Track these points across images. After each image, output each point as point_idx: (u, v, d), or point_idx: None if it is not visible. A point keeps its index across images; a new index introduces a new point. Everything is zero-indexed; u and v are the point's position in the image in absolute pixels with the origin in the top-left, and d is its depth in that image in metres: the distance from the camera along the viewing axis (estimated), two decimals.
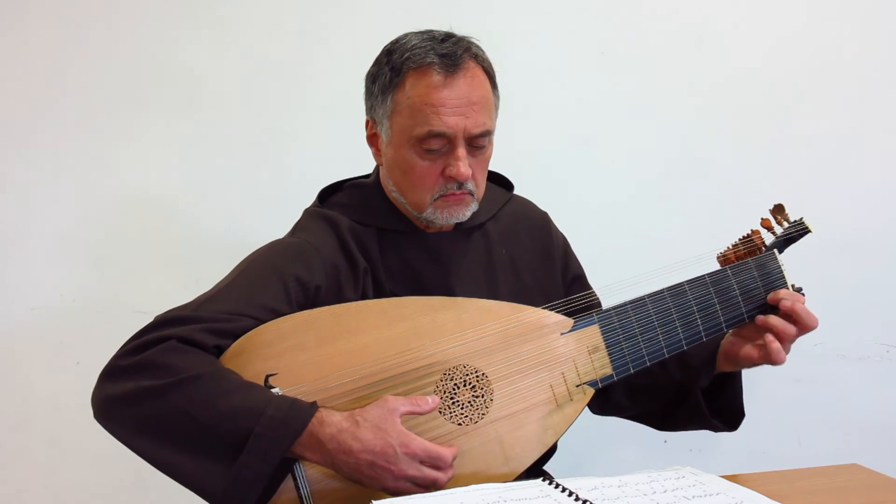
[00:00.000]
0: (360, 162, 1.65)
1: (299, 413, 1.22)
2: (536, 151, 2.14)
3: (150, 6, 2.08)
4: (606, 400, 1.61)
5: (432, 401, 1.28)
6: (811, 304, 1.49)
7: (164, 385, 1.23)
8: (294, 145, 2.13)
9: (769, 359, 1.42)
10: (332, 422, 1.22)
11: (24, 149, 2.06)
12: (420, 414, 1.27)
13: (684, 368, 1.53)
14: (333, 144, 2.12)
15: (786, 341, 1.42)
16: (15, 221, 2.06)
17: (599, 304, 1.58)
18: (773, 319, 1.42)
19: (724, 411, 1.54)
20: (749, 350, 1.45)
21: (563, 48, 2.19)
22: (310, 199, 1.59)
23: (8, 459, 2.07)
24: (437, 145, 1.41)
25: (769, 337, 1.41)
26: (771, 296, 1.44)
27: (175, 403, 1.23)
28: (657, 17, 2.21)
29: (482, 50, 1.47)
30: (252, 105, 2.12)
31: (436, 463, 1.24)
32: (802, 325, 1.41)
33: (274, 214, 2.03)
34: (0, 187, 2.05)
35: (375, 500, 1.15)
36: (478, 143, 1.43)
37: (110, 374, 1.29)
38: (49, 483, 2.08)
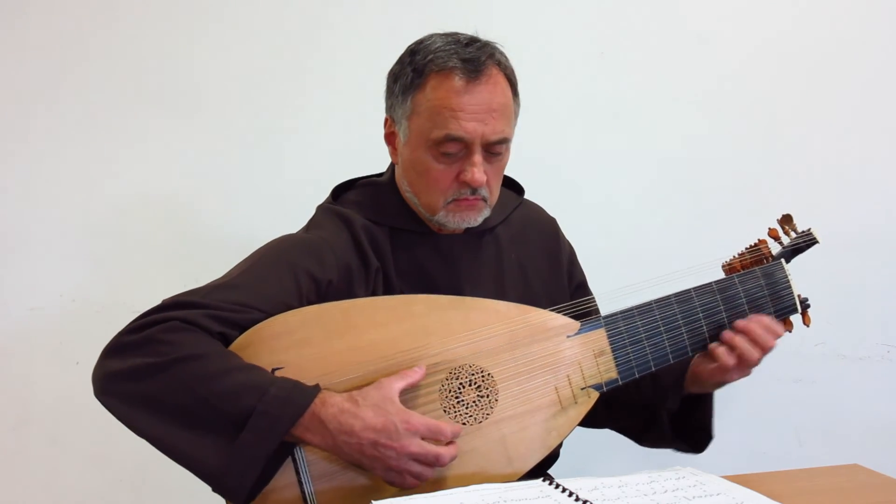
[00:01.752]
0: (361, 161, 1.65)
1: (302, 393, 1.23)
2: (537, 152, 2.14)
3: (150, 6, 2.08)
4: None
5: (419, 370, 1.29)
6: (813, 305, 1.49)
7: (166, 361, 1.23)
8: (294, 145, 2.13)
9: (723, 373, 1.41)
10: (333, 402, 1.23)
11: (24, 149, 2.06)
12: (414, 384, 1.28)
13: (655, 388, 1.54)
14: (334, 144, 2.13)
15: (746, 361, 1.40)
16: (15, 221, 2.06)
17: (598, 311, 1.58)
18: (740, 339, 1.40)
19: (693, 432, 1.55)
20: (711, 369, 1.44)
21: (563, 49, 2.19)
22: (310, 197, 1.59)
23: (8, 459, 2.07)
24: (454, 149, 1.41)
25: (720, 348, 1.40)
26: (740, 324, 1.42)
27: (177, 379, 1.23)
28: (657, 17, 2.21)
29: (506, 57, 1.46)
30: (252, 105, 2.12)
31: (436, 437, 1.24)
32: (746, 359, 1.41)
33: (274, 214, 2.04)
34: (0, 187, 2.05)
35: (375, 500, 1.14)
36: (495, 149, 1.43)
37: (112, 350, 1.28)
38: (49, 483, 2.08)
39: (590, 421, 1.63)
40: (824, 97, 2.25)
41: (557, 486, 1.19)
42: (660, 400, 1.54)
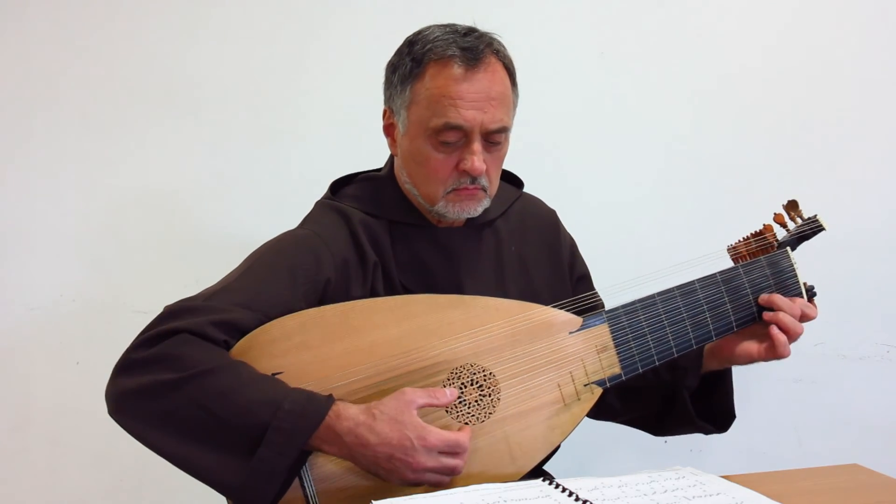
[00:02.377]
0: (360, 161, 1.65)
1: (316, 406, 1.22)
2: (536, 152, 2.14)
3: (150, 6, 2.08)
4: (601, 403, 1.61)
5: (450, 393, 1.28)
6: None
7: (180, 378, 1.23)
8: (294, 145, 2.13)
9: (774, 352, 1.41)
10: (348, 415, 1.23)
11: (25, 149, 2.06)
12: (438, 407, 1.28)
13: (672, 369, 1.52)
14: (334, 143, 2.13)
15: (793, 339, 1.41)
16: (15, 221, 2.06)
17: (602, 306, 1.57)
18: (784, 316, 1.40)
19: (715, 413, 1.54)
20: (749, 345, 1.44)
21: (563, 48, 2.19)
22: (310, 197, 1.59)
23: (8, 459, 2.07)
24: (453, 138, 1.40)
25: (775, 329, 1.40)
26: (764, 298, 1.43)
27: (191, 397, 1.23)
28: (657, 16, 2.21)
29: (504, 46, 1.46)
30: (252, 105, 2.12)
31: (454, 450, 1.24)
32: (790, 334, 1.41)
33: (274, 214, 2.04)
34: (0, 187, 2.05)
35: (376, 500, 1.15)
36: (494, 138, 1.43)
37: (124, 367, 1.28)
38: (49, 483, 2.08)
39: (605, 414, 1.63)
40: (824, 97, 2.25)
41: (557, 485, 1.19)
42: (679, 379, 1.52)
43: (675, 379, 1.52)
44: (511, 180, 1.66)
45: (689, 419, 1.53)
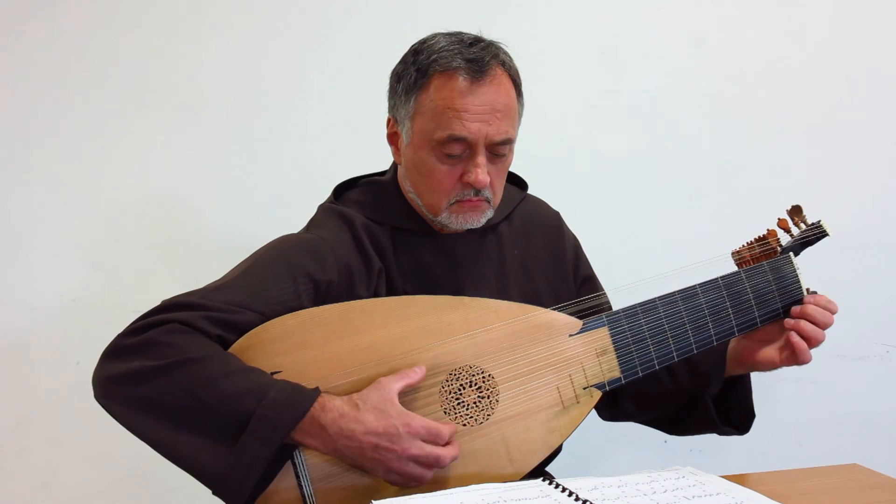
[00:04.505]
0: (361, 162, 1.65)
1: (302, 397, 1.23)
2: (537, 152, 2.14)
3: (151, 7, 2.08)
4: (616, 408, 1.61)
5: (419, 370, 1.29)
6: None
7: (167, 364, 1.23)
8: (294, 146, 2.13)
9: (796, 359, 1.40)
10: (333, 406, 1.23)
11: (26, 149, 2.06)
12: (413, 385, 1.28)
13: (693, 375, 1.52)
14: (334, 145, 2.13)
15: (813, 345, 1.41)
16: (16, 221, 2.06)
17: (609, 306, 1.57)
18: (805, 323, 1.40)
19: (735, 414, 1.54)
20: (770, 353, 1.43)
21: (562, 49, 2.19)
22: (310, 198, 1.59)
23: (8, 459, 2.07)
24: (458, 150, 1.40)
25: (794, 336, 1.39)
26: (797, 311, 1.42)
27: (178, 382, 1.23)
28: (656, 16, 2.21)
29: (510, 57, 1.45)
30: (252, 105, 2.12)
31: (435, 439, 1.24)
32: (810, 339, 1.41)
33: (274, 214, 2.04)
34: (1, 188, 2.05)
35: (376, 500, 1.14)
36: (498, 150, 1.42)
37: (112, 352, 1.29)
38: (49, 483, 2.08)
39: (619, 416, 1.64)
40: (825, 96, 2.25)
41: (557, 485, 1.19)
42: (701, 386, 1.51)
43: (696, 386, 1.52)
44: (515, 182, 1.66)
45: (712, 423, 1.53)
